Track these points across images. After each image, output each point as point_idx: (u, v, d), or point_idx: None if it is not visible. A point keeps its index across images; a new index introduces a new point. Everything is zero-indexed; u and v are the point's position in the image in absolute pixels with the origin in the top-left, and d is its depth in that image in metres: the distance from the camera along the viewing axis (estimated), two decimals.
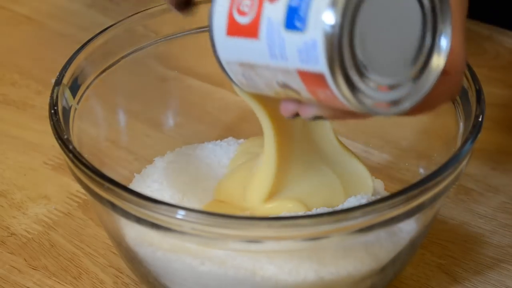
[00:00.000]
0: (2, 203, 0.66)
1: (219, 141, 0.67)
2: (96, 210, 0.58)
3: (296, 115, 0.50)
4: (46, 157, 0.70)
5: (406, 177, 0.64)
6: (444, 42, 0.47)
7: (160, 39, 0.65)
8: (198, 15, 0.65)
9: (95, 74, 0.61)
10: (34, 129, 0.73)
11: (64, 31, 0.86)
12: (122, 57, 0.63)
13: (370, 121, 0.66)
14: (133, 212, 0.50)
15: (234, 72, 0.51)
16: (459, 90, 0.53)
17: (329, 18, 0.43)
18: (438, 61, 0.47)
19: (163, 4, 0.64)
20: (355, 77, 0.44)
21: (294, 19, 0.45)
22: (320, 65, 0.44)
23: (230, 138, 0.67)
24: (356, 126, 0.67)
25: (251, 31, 0.47)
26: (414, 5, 0.46)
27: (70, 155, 0.52)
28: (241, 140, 0.67)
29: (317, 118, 0.49)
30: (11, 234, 0.63)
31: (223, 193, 0.61)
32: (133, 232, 0.55)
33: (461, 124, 0.57)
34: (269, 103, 0.56)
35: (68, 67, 0.58)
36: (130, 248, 0.55)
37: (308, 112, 0.49)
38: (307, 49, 0.44)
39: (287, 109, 0.50)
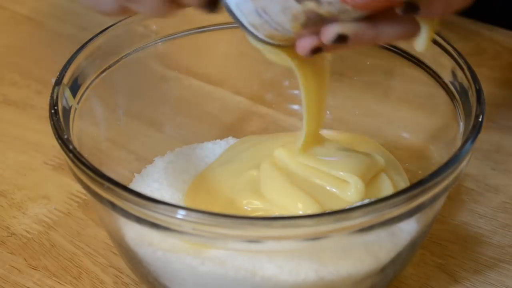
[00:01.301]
0: (2, 203, 0.66)
1: (218, 140, 0.67)
2: (96, 210, 0.59)
3: (315, 51, 0.49)
4: (46, 157, 0.70)
5: (406, 177, 0.64)
6: None
7: (160, 39, 0.65)
8: (197, 15, 0.66)
9: (95, 74, 0.61)
10: (34, 129, 0.73)
11: (64, 31, 0.86)
12: (122, 57, 0.63)
13: (370, 121, 0.67)
14: (133, 212, 0.50)
15: (247, 14, 0.49)
16: None
17: None
18: None
19: None
20: None
21: None
22: None
23: (229, 138, 0.68)
24: (356, 126, 0.67)
25: None
26: None
27: (70, 155, 0.52)
28: None
29: (340, 39, 0.48)
30: (11, 234, 0.63)
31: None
32: (133, 232, 0.55)
33: (461, 124, 0.57)
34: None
35: (68, 67, 0.58)
36: (130, 248, 0.55)
37: (330, 31, 0.48)
38: None
39: (304, 45, 0.49)
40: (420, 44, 0.50)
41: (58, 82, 0.57)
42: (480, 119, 0.54)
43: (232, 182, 0.60)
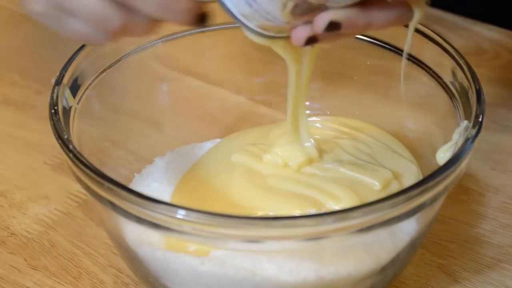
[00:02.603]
0: (2, 203, 0.66)
1: (218, 140, 0.67)
2: (96, 210, 0.59)
3: (311, 41, 0.49)
4: (46, 157, 0.70)
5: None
6: None
7: (160, 39, 0.65)
8: None
9: (95, 74, 0.61)
10: (34, 129, 0.73)
11: None
12: (122, 57, 0.63)
13: (370, 121, 0.67)
14: (133, 212, 0.50)
15: (236, 4, 0.49)
16: None
17: None
18: None
19: None
20: None
21: None
22: None
23: None
24: None
25: None
26: None
27: (70, 154, 0.52)
28: None
29: (332, 27, 0.48)
30: (11, 234, 0.64)
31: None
32: (133, 232, 0.55)
33: (461, 124, 0.57)
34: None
35: (68, 67, 0.58)
36: (130, 248, 0.55)
37: (322, 19, 0.48)
38: None
39: (298, 36, 0.49)
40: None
41: (58, 82, 0.57)
42: (480, 119, 0.54)
43: (206, 189, 0.60)
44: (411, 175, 0.61)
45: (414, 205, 0.50)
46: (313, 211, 0.56)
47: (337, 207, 0.57)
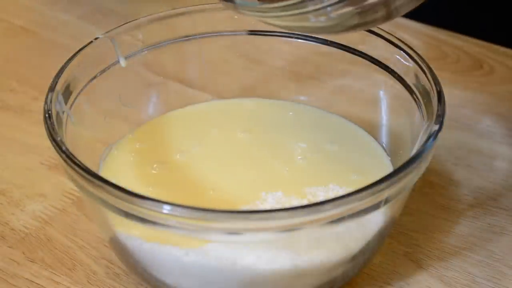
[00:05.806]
0: (1, 201, 0.67)
1: None
2: (88, 206, 0.60)
3: None
4: (42, 157, 0.70)
5: None
6: None
7: (147, 47, 0.66)
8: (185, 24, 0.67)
9: (86, 81, 0.62)
10: (31, 132, 0.74)
11: (58, 41, 0.87)
12: (112, 64, 0.64)
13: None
14: (123, 208, 0.51)
15: None
16: None
17: None
18: None
19: (148, 16, 0.66)
20: None
21: None
22: None
23: None
24: None
25: None
26: None
27: (63, 155, 0.53)
28: None
29: None
30: (10, 229, 0.64)
31: None
32: (122, 226, 0.55)
33: (424, 123, 0.58)
34: None
35: (60, 75, 0.59)
36: (120, 242, 0.56)
37: None
38: None
39: None
40: None
41: (51, 88, 0.58)
42: (441, 119, 0.55)
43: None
44: (381, 166, 0.63)
45: (381, 198, 0.51)
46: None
47: None
